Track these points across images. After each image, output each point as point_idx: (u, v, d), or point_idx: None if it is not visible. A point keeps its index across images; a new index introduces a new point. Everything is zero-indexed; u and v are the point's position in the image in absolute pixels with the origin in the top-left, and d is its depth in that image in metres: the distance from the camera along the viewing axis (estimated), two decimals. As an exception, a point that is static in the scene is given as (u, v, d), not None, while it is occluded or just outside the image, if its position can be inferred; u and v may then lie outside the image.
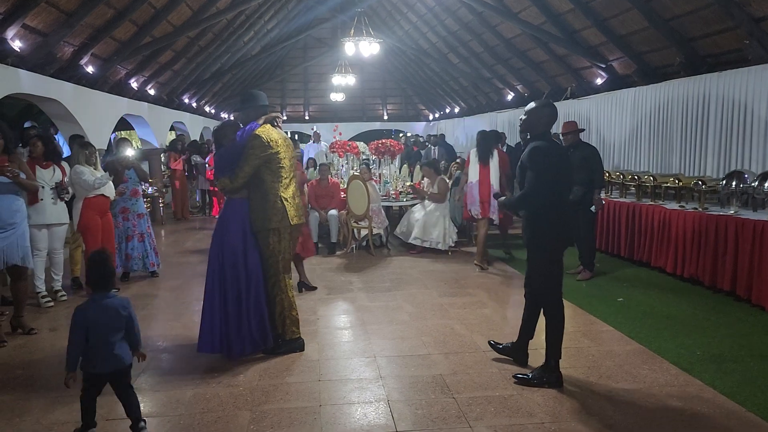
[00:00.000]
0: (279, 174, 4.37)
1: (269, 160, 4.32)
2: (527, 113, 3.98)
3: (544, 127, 3.94)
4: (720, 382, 3.88)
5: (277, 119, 4.54)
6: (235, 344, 4.36)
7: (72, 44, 8.83)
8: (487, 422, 3.39)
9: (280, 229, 4.39)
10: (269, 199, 4.35)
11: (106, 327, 3.14)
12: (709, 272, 6.07)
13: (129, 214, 6.84)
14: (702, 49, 7.96)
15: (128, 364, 3.22)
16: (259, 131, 4.32)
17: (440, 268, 7.52)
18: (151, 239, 7.00)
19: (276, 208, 4.36)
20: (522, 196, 3.90)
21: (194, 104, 16.90)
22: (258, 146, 4.27)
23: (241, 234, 4.39)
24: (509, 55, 13.24)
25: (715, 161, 7.60)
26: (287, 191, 4.43)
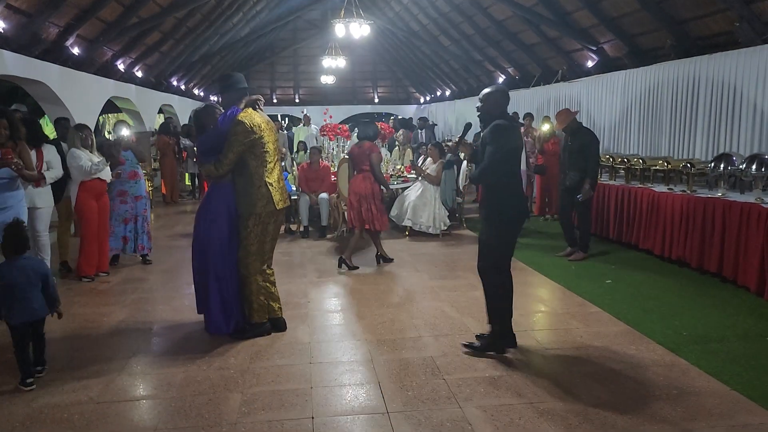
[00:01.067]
0: (263, 159, 4.34)
1: (253, 145, 4.28)
2: (482, 100, 4.17)
3: (500, 108, 4.14)
4: (705, 361, 3.94)
5: (259, 102, 4.46)
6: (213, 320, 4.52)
7: (57, 25, 8.68)
8: (476, 402, 3.43)
9: (262, 214, 4.35)
10: (254, 183, 4.33)
11: (23, 284, 3.67)
12: (696, 254, 6.13)
13: (127, 196, 6.70)
14: (693, 32, 7.97)
15: (42, 317, 3.80)
16: (242, 116, 4.26)
17: (431, 251, 7.54)
18: (145, 222, 6.88)
19: (261, 193, 4.33)
20: (482, 169, 4.05)
21: (183, 87, 16.73)
22: (241, 132, 4.22)
23: (226, 216, 4.41)
24: (500, 37, 13.18)
25: (704, 144, 7.64)
26: (272, 176, 4.40)
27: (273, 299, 4.62)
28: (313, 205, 8.64)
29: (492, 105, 4.13)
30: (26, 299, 3.68)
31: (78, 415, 3.35)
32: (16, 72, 8.03)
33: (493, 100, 4.13)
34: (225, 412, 3.36)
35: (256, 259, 4.43)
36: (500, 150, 3.96)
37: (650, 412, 3.28)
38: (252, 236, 4.38)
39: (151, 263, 6.95)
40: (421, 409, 3.36)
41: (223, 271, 4.46)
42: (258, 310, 4.49)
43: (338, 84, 21.67)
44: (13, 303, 3.66)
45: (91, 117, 10.28)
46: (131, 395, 3.62)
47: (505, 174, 4.04)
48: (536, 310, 5.18)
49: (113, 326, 4.84)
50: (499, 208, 4.07)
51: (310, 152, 9.27)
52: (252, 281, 4.44)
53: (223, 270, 4.46)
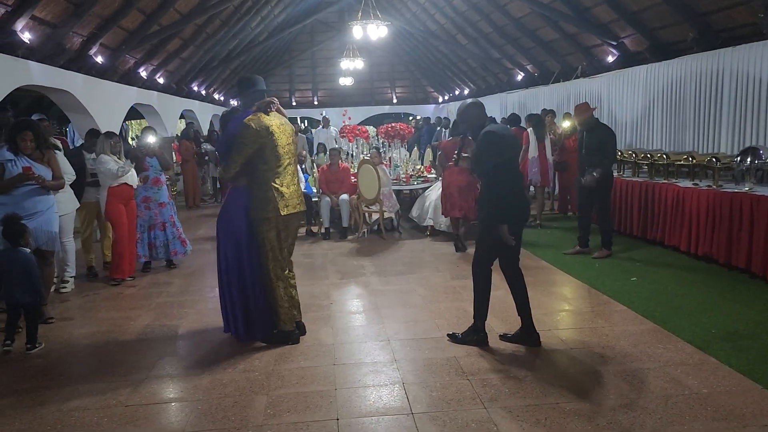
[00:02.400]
0: (271, 163, 4.28)
1: (261, 148, 4.23)
2: (460, 116, 4.41)
3: (481, 119, 4.34)
4: (736, 359, 3.86)
5: (272, 104, 4.38)
6: (242, 328, 4.50)
7: (81, 34, 8.84)
8: (501, 403, 3.40)
9: (271, 219, 4.29)
10: (262, 188, 4.30)
11: (16, 271, 4.44)
12: (723, 250, 6.02)
13: (151, 203, 6.75)
14: (716, 24, 7.82)
15: (29, 302, 4.46)
16: (249, 120, 4.23)
17: (452, 250, 7.51)
18: (174, 227, 6.93)
19: (267, 198, 4.28)
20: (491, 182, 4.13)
21: (203, 92, 16.92)
22: (247, 135, 4.19)
23: (243, 221, 4.39)
24: (518, 34, 13.09)
25: (730, 138, 7.50)
26: (281, 179, 4.31)
27: (294, 305, 4.56)
28: (333, 207, 8.66)
29: (473, 118, 4.34)
30: (10, 285, 4.43)
31: (107, 418, 3.40)
32: (41, 82, 8.20)
33: (473, 115, 4.34)
34: (251, 415, 3.39)
35: (276, 266, 4.38)
36: (490, 149, 4.09)
37: (679, 412, 3.23)
38: (266, 241, 4.33)
39: (176, 267, 7.03)
40: (446, 410, 3.35)
41: (242, 276, 4.43)
42: (285, 318, 4.44)
43: (356, 85, 21.71)
44: (8, 286, 4.46)
45: (115, 124, 10.44)
46: (159, 398, 3.67)
47: (506, 178, 4.12)
48: (560, 309, 5.13)
49: (140, 330, 4.91)
50: (492, 205, 4.12)
51: (329, 154, 9.30)
52: (275, 287, 4.39)
53: (242, 275, 4.43)
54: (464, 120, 4.40)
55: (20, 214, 4.79)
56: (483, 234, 4.29)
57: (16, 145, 4.90)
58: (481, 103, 4.45)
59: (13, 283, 4.42)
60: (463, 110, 4.38)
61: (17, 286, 4.44)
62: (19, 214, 4.66)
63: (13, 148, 4.90)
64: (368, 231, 8.82)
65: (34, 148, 4.99)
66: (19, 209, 4.83)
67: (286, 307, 4.44)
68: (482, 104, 4.45)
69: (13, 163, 4.85)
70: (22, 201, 4.90)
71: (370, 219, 8.82)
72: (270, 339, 4.47)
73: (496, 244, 4.17)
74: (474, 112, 4.35)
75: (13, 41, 7.27)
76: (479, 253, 4.33)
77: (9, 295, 4.47)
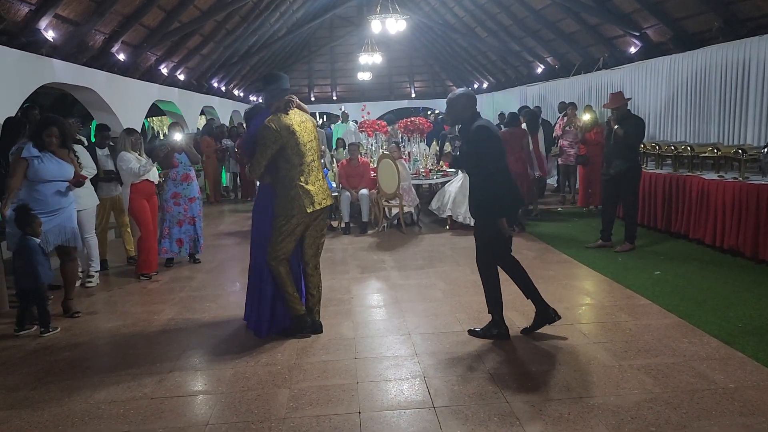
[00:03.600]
0: (294, 161, 4.30)
1: (283, 148, 4.26)
2: (449, 105, 4.34)
3: (470, 110, 4.27)
4: (764, 354, 3.79)
5: (291, 103, 4.38)
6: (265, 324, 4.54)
7: (103, 32, 8.95)
8: (523, 397, 3.39)
9: (296, 217, 4.32)
10: (285, 186, 4.33)
11: (19, 258, 4.80)
12: (750, 243, 5.91)
13: (180, 198, 6.78)
14: (741, 12, 7.65)
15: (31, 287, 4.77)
16: (269, 121, 4.26)
17: (472, 244, 7.35)
18: (200, 222, 7.00)
19: (290, 196, 4.31)
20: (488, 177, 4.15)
21: (223, 88, 17.02)
22: (267, 136, 4.22)
23: (268, 218, 4.43)
24: (539, 26, 12.95)
25: (756, 129, 7.34)
26: (305, 177, 4.34)
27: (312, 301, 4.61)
28: (353, 202, 8.68)
29: (462, 108, 4.28)
30: (16, 270, 4.88)
31: (134, 410, 3.46)
32: (65, 79, 8.32)
33: (461, 104, 4.28)
34: (273, 408, 3.42)
35: (278, 257, 4.38)
36: (491, 151, 4.12)
37: (706, 407, 3.18)
38: (277, 235, 4.35)
39: (200, 262, 7.10)
40: (468, 404, 3.34)
41: (263, 271, 4.49)
42: (291, 301, 4.47)
43: (375, 80, 21.68)
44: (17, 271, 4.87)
45: (137, 121, 10.58)
46: (183, 391, 3.72)
47: (505, 175, 4.18)
48: (582, 303, 5.09)
49: (164, 324, 4.98)
50: (489, 202, 4.16)
51: (348, 149, 9.31)
52: (276, 273, 4.41)
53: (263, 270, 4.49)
54: (452, 108, 4.32)
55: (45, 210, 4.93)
56: (481, 230, 4.34)
57: (41, 142, 4.98)
58: (473, 96, 4.39)
59: (16, 270, 4.81)
60: (454, 99, 4.30)
61: (20, 272, 4.78)
62: (29, 205, 4.87)
63: (38, 145, 4.98)
64: (388, 225, 8.82)
65: (59, 144, 5.07)
66: (44, 206, 4.94)
67: (291, 292, 4.46)
68: (474, 96, 4.39)
69: (39, 160, 4.93)
70: (48, 198, 4.99)
71: (390, 213, 8.82)
72: (286, 331, 4.52)
73: (494, 238, 4.24)
74: (464, 102, 4.29)
75: (36, 39, 7.38)
76: (481, 250, 4.39)
77: (20, 280, 4.81)
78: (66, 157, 5.13)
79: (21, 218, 4.77)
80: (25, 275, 4.77)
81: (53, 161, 5.01)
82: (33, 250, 4.76)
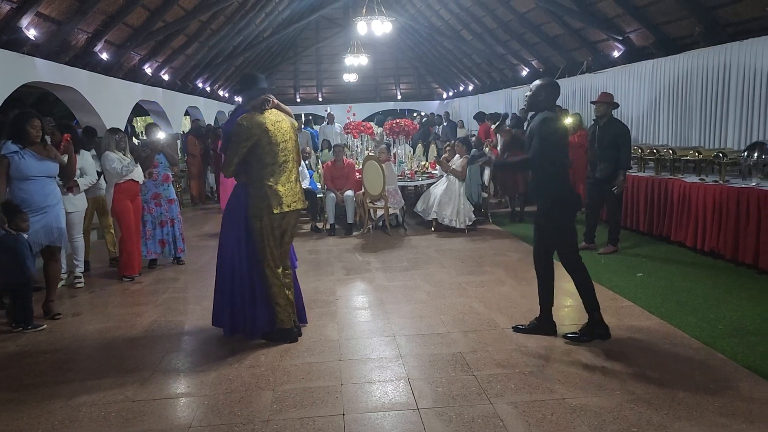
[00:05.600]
0: (265, 160, 4.26)
1: (254, 146, 4.23)
2: (533, 90, 4.29)
3: (548, 101, 4.26)
4: (743, 355, 3.85)
5: (266, 102, 4.33)
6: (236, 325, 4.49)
7: (86, 31, 8.85)
8: (507, 399, 3.40)
9: (265, 217, 4.27)
10: (255, 185, 4.29)
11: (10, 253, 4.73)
12: (730, 245, 5.99)
13: (161, 199, 6.76)
14: (722, 18, 7.77)
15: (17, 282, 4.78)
16: (242, 118, 4.24)
17: (457, 246, 7.51)
18: (180, 225, 6.98)
19: (260, 195, 4.26)
20: (524, 159, 4.34)
21: (208, 88, 16.93)
22: (239, 134, 4.20)
23: (243, 217, 4.38)
24: (523, 30, 13.04)
25: (736, 133, 7.45)
26: (275, 177, 4.28)
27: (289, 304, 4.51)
28: (339, 203, 8.67)
29: (543, 96, 4.24)
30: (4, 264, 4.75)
31: (115, 413, 3.42)
32: (47, 78, 8.22)
33: (544, 92, 4.25)
34: (257, 410, 3.40)
35: (270, 263, 4.34)
36: (547, 141, 4.11)
37: (687, 408, 3.22)
38: (261, 238, 4.30)
39: (184, 264, 7.05)
40: (452, 406, 3.35)
41: (240, 272, 4.40)
42: (282, 316, 4.40)
43: (361, 81, 21.68)
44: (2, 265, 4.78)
45: (121, 121, 10.47)
46: (165, 393, 3.68)
47: (556, 163, 4.17)
48: (566, 305, 5.12)
49: (146, 326, 4.93)
50: (556, 194, 4.19)
51: (334, 150, 9.29)
52: (272, 284, 4.37)
53: (240, 271, 4.40)
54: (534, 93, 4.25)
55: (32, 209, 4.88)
56: (544, 226, 4.30)
57: (22, 134, 4.89)
58: (558, 87, 4.32)
59: (2, 265, 4.72)
60: (539, 85, 4.25)
61: (4, 268, 4.72)
62: (14, 201, 4.85)
63: (18, 140, 4.89)
64: (373, 227, 8.82)
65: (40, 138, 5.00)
66: (31, 204, 4.89)
67: (283, 304, 4.40)
68: (558, 88, 4.32)
69: (20, 156, 4.85)
70: (34, 196, 4.93)
71: (375, 215, 8.82)
72: (269, 336, 4.46)
73: (554, 233, 4.27)
74: (547, 90, 4.24)
75: (18, 38, 7.29)
76: (542, 247, 4.36)
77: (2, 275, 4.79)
78: (42, 152, 5.02)
79: (7, 213, 4.73)
80: (10, 270, 4.71)
81: (34, 157, 4.94)
82: (21, 245, 4.74)
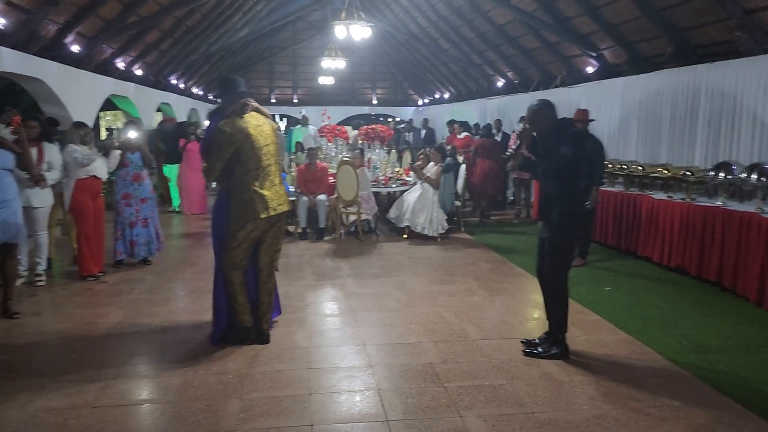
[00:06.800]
0: (249, 165, 4.23)
1: (237, 152, 4.19)
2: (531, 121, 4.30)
3: (547, 123, 4.23)
4: (707, 372, 3.92)
5: (246, 107, 4.30)
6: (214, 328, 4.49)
7: (56, 22, 8.62)
8: (477, 412, 3.40)
9: (250, 222, 4.24)
10: (240, 190, 4.25)
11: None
12: (695, 262, 6.12)
13: (131, 199, 6.61)
14: (693, 40, 7.96)
15: None
16: (224, 124, 4.19)
17: (429, 254, 7.52)
18: (155, 224, 6.82)
19: (244, 200, 4.23)
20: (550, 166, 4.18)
21: (181, 85, 16.65)
22: (221, 140, 4.16)
23: (223, 222, 4.36)
24: (500, 41, 13.16)
25: (704, 152, 7.62)
26: (260, 182, 4.26)
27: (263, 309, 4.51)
28: (311, 207, 8.60)
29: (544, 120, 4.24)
30: None
31: (74, 420, 3.31)
32: (13, 69, 7.96)
33: (538, 117, 4.25)
34: (223, 419, 3.32)
35: (233, 264, 4.31)
36: (575, 155, 4.08)
37: (652, 424, 3.26)
38: (232, 240, 4.27)
39: (151, 264, 6.90)
40: (421, 418, 3.33)
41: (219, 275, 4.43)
42: (240, 312, 4.38)
43: (337, 85, 21.58)
44: None
45: (90, 115, 10.20)
46: (128, 400, 3.58)
47: (574, 179, 4.15)
48: (534, 317, 5.15)
49: (110, 328, 4.79)
50: (569, 211, 4.17)
51: (308, 153, 9.22)
52: (230, 285, 4.34)
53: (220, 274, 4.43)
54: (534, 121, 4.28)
55: None
56: (560, 245, 4.21)
57: None
58: (552, 105, 4.31)
59: None
60: (534, 112, 4.27)
61: None
62: None
63: None
64: (345, 232, 8.77)
65: None
66: None
67: (242, 302, 4.37)
68: (553, 106, 4.31)
69: None
70: None
71: (347, 220, 8.78)
72: (228, 336, 4.43)
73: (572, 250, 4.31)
74: (545, 113, 4.25)
75: (-15, 26, 7.06)
76: (558, 267, 4.25)
77: None
78: None
79: None
80: None
81: None
82: None
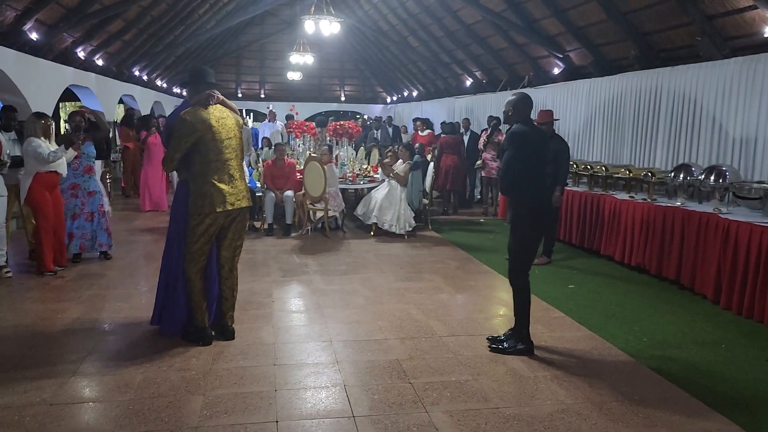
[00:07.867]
0: (208, 157, 4.15)
1: (197, 143, 4.11)
2: (506, 108, 4.34)
3: (519, 114, 4.27)
4: (665, 367, 4.02)
5: (211, 98, 4.22)
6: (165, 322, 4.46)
7: (15, 8, 8.32)
8: (443, 407, 3.42)
9: (207, 215, 4.15)
10: (198, 182, 4.17)
11: None
12: (655, 261, 6.28)
13: (78, 191, 6.45)
14: (656, 44, 8.16)
15: None
16: (185, 113, 4.12)
17: (396, 252, 7.53)
18: (104, 219, 6.64)
19: (201, 192, 4.15)
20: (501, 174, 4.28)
21: (145, 77, 16.29)
22: (181, 129, 4.08)
23: (181, 214, 4.29)
24: (469, 41, 13.26)
25: (665, 154, 7.83)
26: (219, 175, 4.18)
27: (226, 305, 4.46)
28: (278, 203, 8.52)
29: (513, 111, 4.29)
30: None
31: (30, 417, 3.21)
32: (-32, 55, 7.68)
33: (513, 108, 4.29)
34: (186, 416, 3.26)
35: (193, 259, 4.23)
36: (515, 155, 4.11)
37: (613, 418, 3.33)
38: (191, 235, 4.19)
39: (111, 259, 6.72)
40: (388, 414, 3.33)
41: (176, 270, 4.35)
42: (196, 311, 4.31)
43: (305, 81, 21.44)
44: None
45: (49, 105, 9.90)
46: (87, 397, 3.49)
47: (524, 178, 4.14)
48: (499, 314, 5.21)
49: (68, 324, 4.66)
50: (521, 211, 4.21)
51: (275, 149, 9.13)
52: (188, 281, 4.27)
53: (176, 269, 4.35)
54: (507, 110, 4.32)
55: None
56: (517, 243, 4.25)
57: None
58: (530, 100, 4.33)
59: None
60: (511, 101, 4.30)
61: None
62: None
63: None
64: (312, 229, 8.72)
65: None
66: None
67: (197, 301, 4.30)
68: (530, 101, 4.33)
69: None
70: None
71: (314, 217, 8.72)
72: (185, 334, 4.37)
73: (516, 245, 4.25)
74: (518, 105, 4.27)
75: (-62, 10, 6.77)
76: (515, 264, 4.29)
77: None
78: None
79: None
80: None
81: None
82: None
